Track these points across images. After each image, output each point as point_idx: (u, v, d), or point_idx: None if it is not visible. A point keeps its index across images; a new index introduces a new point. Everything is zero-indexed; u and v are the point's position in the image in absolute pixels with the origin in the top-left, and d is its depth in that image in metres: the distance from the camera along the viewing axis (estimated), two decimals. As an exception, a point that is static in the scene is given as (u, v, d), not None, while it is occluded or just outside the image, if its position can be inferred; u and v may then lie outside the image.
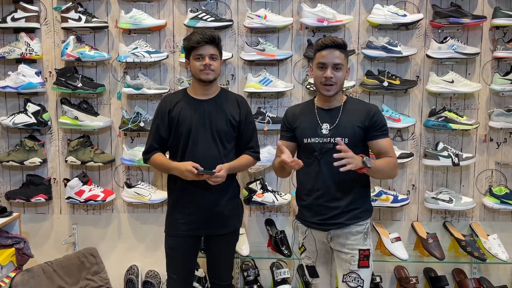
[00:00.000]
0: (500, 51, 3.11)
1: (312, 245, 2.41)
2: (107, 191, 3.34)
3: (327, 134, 2.28)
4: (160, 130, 2.55)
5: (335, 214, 2.29)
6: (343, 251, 2.32)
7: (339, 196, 2.29)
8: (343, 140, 2.21)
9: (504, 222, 3.33)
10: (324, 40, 2.29)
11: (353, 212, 2.31)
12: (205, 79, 2.47)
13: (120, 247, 3.48)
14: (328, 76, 2.24)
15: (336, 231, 2.32)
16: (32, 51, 3.23)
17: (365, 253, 2.30)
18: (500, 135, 3.28)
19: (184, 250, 2.56)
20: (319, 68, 2.28)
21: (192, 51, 2.46)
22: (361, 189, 2.36)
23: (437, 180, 3.33)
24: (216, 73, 2.49)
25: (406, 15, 3.13)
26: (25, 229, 3.36)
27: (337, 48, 2.26)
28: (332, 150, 2.20)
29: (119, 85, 3.34)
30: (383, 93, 3.25)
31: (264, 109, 3.25)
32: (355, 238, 2.30)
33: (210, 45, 2.45)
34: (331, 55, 2.25)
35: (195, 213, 2.51)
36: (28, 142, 3.26)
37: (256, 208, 3.39)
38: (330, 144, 2.26)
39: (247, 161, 2.60)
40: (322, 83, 2.27)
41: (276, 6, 3.25)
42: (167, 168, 2.53)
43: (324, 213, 2.31)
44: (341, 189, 2.29)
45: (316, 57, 2.30)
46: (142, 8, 3.26)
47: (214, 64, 2.46)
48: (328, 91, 2.27)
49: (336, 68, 2.26)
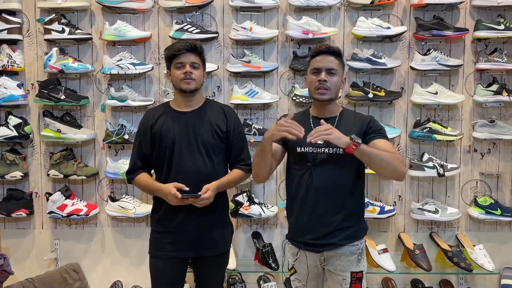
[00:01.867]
0: (483, 63, 3.16)
1: (303, 268, 2.26)
2: (91, 205, 3.28)
3: (322, 144, 2.13)
4: (142, 147, 2.42)
5: (328, 232, 2.16)
6: (335, 273, 2.19)
7: (331, 211, 2.16)
8: (338, 150, 2.12)
9: (490, 232, 3.35)
10: (318, 46, 2.24)
11: (347, 231, 2.17)
12: (186, 89, 2.34)
13: (104, 262, 3.41)
14: (322, 79, 2.14)
15: (329, 252, 2.19)
16: (14, 63, 3.18)
17: (358, 276, 2.17)
18: (484, 145, 3.32)
19: (170, 272, 2.40)
20: (313, 73, 2.20)
21: (173, 60, 2.35)
22: (356, 204, 2.23)
23: (423, 191, 3.34)
24: (197, 83, 2.36)
25: (390, 28, 3.17)
26: (5, 245, 3.28)
27: (332, 54, 2.20)
28: (326, 160, 2.14)
29: (103, 97, 3.30)
30: (368, 105, 3.27)
31: (250, 120, 3.24)
32: (348, 259, 2.18)
33: (191, 53, 2.34)
34: (325, 59, 2.18)
35: (181, 233, 2.36)
36: (9, 156, 3.19)
37: (243, 221, 3.35)
38: (324, 154, 2.15)
39: (238, 176, 2.44)
40: (316, 87, 2.17)
41: (262, 18, 3.27)
42: (151, 190, 2.42)
43: (316, 230, 2.17)
44: (333, 203, 2.15)
45: (311, 63, 2.23)
46: (127, 19, 3.24)
47: (195, 73, 2.34)
48: (322, 94, 2.17)
49: (331, 73, 2.17)
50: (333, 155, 2.15)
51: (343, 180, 2.17)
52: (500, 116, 3.27)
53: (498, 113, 3.28)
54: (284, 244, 2.39)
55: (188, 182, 2.30)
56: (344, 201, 2.17)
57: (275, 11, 3.27)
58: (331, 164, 2.15)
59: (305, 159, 2.19)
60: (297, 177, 2.22)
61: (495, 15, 3.21)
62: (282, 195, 3.32)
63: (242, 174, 2.46)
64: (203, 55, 2.43)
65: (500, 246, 3.33)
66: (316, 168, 2.16)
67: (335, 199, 2.16)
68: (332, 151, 2.15)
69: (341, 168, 2.16)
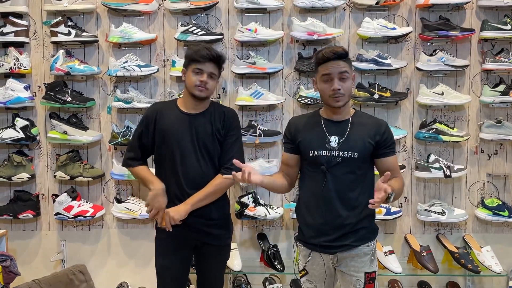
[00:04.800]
0: (489, 63, 3.14)
1: (316, 270, 2.25)
2: (97, 206, 3.29)
3: (336, 147, 2.15)
4: (143, 138, 2.45)
5: (342, 234, 2.17)
6: (348, 273, 2.20)
7: (345, 214, 2.16)
8: (352, 154, 2.14)
9: (497, 234, 3.32)
10: (325, 52, 2.14)
11: (360, 232, 2.19)
12: (198, 96, 2.37)
13: (110, 264, 3.41)
14: (336, 88, 2.12)
15: (342, 253, 2.19)
16: (21, 66, 3.20)
17: (371, 276, 2.20)
18: (491, 146, 3.29)
19: (175, 268, 2.47)
20: (324, 80, 2.15)
21: (192, 63, 2.37)
22: (366, 207, 2.13)
23: (429, 192, 3.32)
24: (209, 92, 2.40)
25: (396, 28, 3.16)
26: (12, 246, 3.29)
27: (340, 59, 2.14)
28: (340, 164, 2.14)
29: (109, 99, 3.31)
30: (374, 106, 3.26)
31: (255, 122, 3.24)
32: (361, 260, 2.19)
33: (213, 63, 2.36)
34: (336, 66, 2.12)
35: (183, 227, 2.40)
36: (16, 157, 3.22)
37: (248, 222, 3.35)
38: (338, 158, 2.14)
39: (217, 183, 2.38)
40: (330, 96, 2.15)
41: (267, 19, 3.27)
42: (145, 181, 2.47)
43: (330, 233, 2.17)
44: (347, 206, 2.17)
45: (319, 70, 2.17)
46: (133, 22, 3.26)
47: (210, 83, 2.37)
48: (337, 101, 2.14)
49: (342, 78, 2.13)
50: (347, 159, 2.15)
51: (356, 183, 2.18)
52: (507, 117, 3.25)
53: (505, 113, 3.25)
54: (295, 246, 2.38)
55: (190, 183, 2.36)
56: (357, 203, 2.18)
57: (280, 13, 3.27)
58: (345, 167, 2.15)
59: (318, 162, 2.18)
60: (311, 180, 2.22)
61: (502, 15, 3.19)
62: (287, 196, 3.31)
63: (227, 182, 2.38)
64: (223, 66, 2.46)
65: (508, 247, 3.30)
66: (330, 171, 2.16)
67: (349, 202, 2.17)
68: (347, 155, 2.15)
69: (354, 171, 2.17)
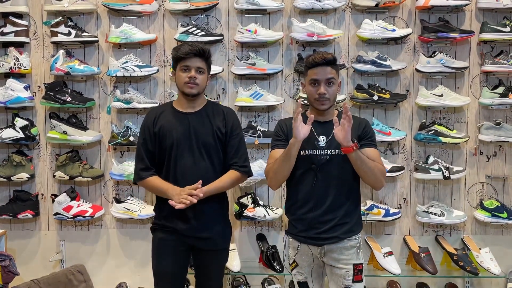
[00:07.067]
0: (488, 65, 3.14)
1: (304, 260, 2.39)
2: (96, 206, 3.29)
3: (324, 146, 2.31)
4: (148, 145, 2.46)
5: (330, 227, 2.30)
6: (337, 266, 2.32)
7: (333, 209, 2.31)
8: (339, 152, 2.25)
9: (496, 236, 3.32)
10: (314, 57, 2.30)
11: (347, 225, 2.32)
12: (188, 93, 2.39)
13: (109, 264, 3.42)
14: (322, 93, 2.27)
15: (330, 246, 2.32)
16: (21, 66, 3.21)
17: (359, 268, 2.32)
18: (490, 148, 3.30)
19: (172, 269, 2.47)
20: (312, 84, 2.30)
21: (179, 62, 2.39)
22: (354, 201, 2.38)
23: (428, 194, 3.33)
24: (200, 88, 2.41)
25: (395, 30, 3.16)
26: (11, 246, 3.29)
27: (328, 65, 2.29)
28: (329, 162, 2.29)
29: (109, 99, 3.32)
30: (373, 107, 3.26)
31: (255, 123, 3.24)
32: (348, 252, 2.32)
33: (198, 58, 2.38)
34: (323, 71, 2.28)
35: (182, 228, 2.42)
36: (15, 157, 3.22)
37: (247, 223, 3.35)
38: (327, 156, 2.30)
39: (233, 177, 2.45)
40: (316, 99, 2.30)
41: (267, 20, 3.27)
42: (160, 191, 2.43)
43: (319, 226, 2.31)
44: (336, 201, 2.31)
45: (308, 73, 2.32)
46: (133, 22, 3.26)
47: (199, 77, 2.38)
48: (322, 105, 2.31)
49: (329, 83, 2.29)
50: (335, 157, 2.30)
51: (344, 179, 2.32)
52: (506, 119, 3.25)
53: (504, 115, 3.26)
54: (285, 239, 2.47)
55: (187, 182, 2.36)
56: (345, 198, 2.33)
57: (280, 14, 3.27)
58: (334, 165, 2.30)
59: (309, 161, 2.31)
60: (301, 178, 2.33)
61: (501, 17, 3.20)
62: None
63: (238, 176, 2.48)
64: (210, 60, 2.47)
65: (507, 249, 3.30)
66: (320, 169, 2.30)
67: (338, 197, 2.31)
68: (334, 152, 2.30)
69: (342, 168, 2.30)
